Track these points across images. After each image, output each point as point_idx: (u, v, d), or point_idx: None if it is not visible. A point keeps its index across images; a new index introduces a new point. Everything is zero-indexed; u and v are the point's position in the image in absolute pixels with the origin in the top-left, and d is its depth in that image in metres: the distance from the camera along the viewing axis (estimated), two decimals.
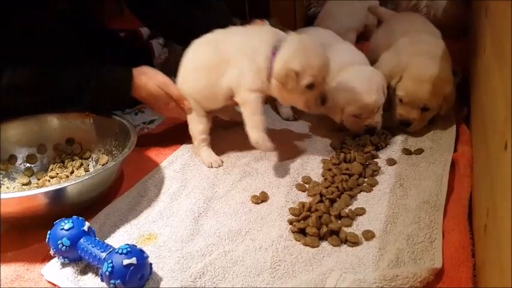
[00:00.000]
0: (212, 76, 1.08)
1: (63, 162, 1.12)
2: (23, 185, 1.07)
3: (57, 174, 1.08)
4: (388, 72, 1.20)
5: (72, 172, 1.10)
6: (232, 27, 1.14)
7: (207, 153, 1.14)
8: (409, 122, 1.17)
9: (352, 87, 1.15)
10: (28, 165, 1.11)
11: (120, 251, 0.74)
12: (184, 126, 1.19)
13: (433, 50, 1.20)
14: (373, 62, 1.29)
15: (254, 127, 1.04)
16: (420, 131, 1.18)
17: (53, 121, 1.14)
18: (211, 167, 1.12)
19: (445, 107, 1.16)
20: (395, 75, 1.18)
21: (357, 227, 0.88)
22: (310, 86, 1.01)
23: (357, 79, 1.16)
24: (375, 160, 1.09)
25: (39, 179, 1.08)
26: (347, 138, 1.18)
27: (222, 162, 1.13)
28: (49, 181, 1.07)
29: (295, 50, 1.00)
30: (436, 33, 1.35)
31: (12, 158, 1.10)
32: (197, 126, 1.14)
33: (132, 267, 0.73)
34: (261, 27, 1.12)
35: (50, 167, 1.11)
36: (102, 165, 1.08)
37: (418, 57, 1.17)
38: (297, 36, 1.05)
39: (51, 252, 0.82)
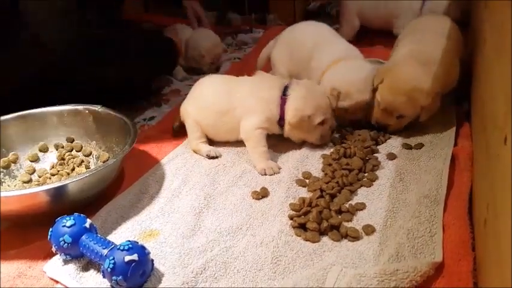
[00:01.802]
0: (220, 119, 1.15)
1: (64, 159, 1.12)
2: (24, 182, 1.07)
3: (58, 171, 1.09)
4: (377, 71, 1.19)
5: (73, 169, 1.10)
6: (240, 77, 1.21)
7: (204, 146, 1.16)
8: (384, 126, 1.17)
9: (350, 81, 1.17)
10: (29, 163, 1.11)
11: (121, 248, 0.74)
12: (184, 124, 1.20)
13: (429, 53, 1.15)
14: None
15: (258, 158, 1.09)
16: (420, 125, 1.17)
17: (54, 119, 1.14)
18: (209, 155, 1.13)
19: (424, 116, 1.14)
20: (379, 76, 1.16)
21: (357, 222, 0.88)
22: (322, 123, 1.11)
23: (354, 75, 1.18)
24: (375, 155, 1.10)
25: (40, 177, 1.08)
26: (347, 133, 1.18)
27: (220, 154, 1.15)
28: (50, 178, 1.07)
29: (302, 97, 1.10)
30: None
31: (14, 156, 1.10)
32: (195, 133, 1.17)
33: (133, 264, 0.73)
34: (265, 76, 1.19)
35: (51, 165, 1.11)
36: (103, 162, 1.08)
37: (403, 64, 1.14)
38: (301, 83, 1.14)
39: (53, 249, 0.82)
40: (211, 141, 1.18)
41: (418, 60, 1.14)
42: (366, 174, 1.03)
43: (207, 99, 1.16)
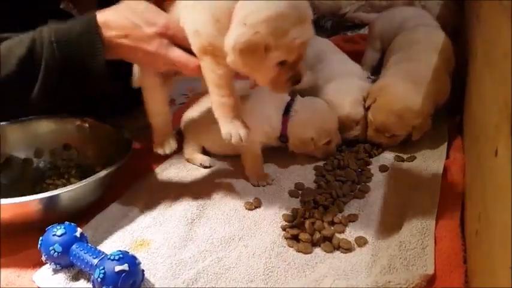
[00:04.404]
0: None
1: (59, 168, 1.12)
2: None
3: (54, 180, 1.08)
4: (369, 91, 1.20)
5: (67, 179, 1.09)
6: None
7: (199, 155, 1.16)
8: (377, 144, 1.17)
9: (340, 98, 1.18)
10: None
11: (112, 257, 0.73)
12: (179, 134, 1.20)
13: (421, 72, 1.16)
14: None
15: (252, 169, 1.08)
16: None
17: (50, 126, 1.13)
18: (204, 165, 1.13)
19: (416, 135, 1.14)
20: (372, 96, 1.17)
21: (350, 234, 0.88)
22: (327, 143, 1.10)
23: (330, 93, 1.19)
24: (368, 167, 1.10)
25: (34, 184, 1.08)
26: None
27: (214, 164, 1.14)
28: (45, 188, 1.07)
29: (305, 121, 1.08)
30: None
31: (8, 162, 1.09)
32: (192, 145, 1.16)
33: (124, 274, 0.72)
34: (267, 91, 1.16)
35: (47, 174, 1.11)
36: (97, 172, 1.07)
37: (395, 83, 1.15)
38: (306, 102, 1.11)
39: (43, 258, 0.81)
40: (205, 151, 1.18)
41: (409, 79, 1.14)
42: (358, 186, 1.03)
43: (210, 113, 1.16)
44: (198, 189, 1.04)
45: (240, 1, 0.74)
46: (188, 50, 0.85)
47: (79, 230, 0.82)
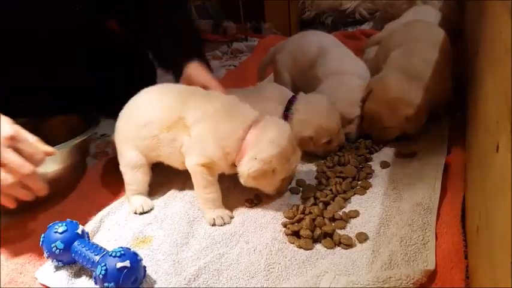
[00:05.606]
0: None
1: None
2: None
3: None
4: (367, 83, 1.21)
5: None
6: (243, 89, 1.15)
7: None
8: (370, 135, 1.18)
9: (337, 97, 1.18)
10: None
11: (113, 254, 0.74)
12: None
13: (418, 65, 1.17)
14: None
15: None
16: (414, 134, 1.18)
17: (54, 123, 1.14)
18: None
19: (410, 128, 1.14)
20: (368, 87, 1.18)
21: (351, 230, 0.88)
22: (327, 142, 1.11)
23: (327, 90, 1.20)
24: (369, 163, 1.10)
25: None
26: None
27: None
28: None
29: (307, 118, 1.09)
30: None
31: None
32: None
33: (125, 270, 0.72)
34: (268, 88, 1.17)
35: None
36: None
37: (390, 75, 1.16)
38: (307, 101, 1.12)
39: (45, 255, 0.81)
40: None
41: (407, 74, 1.15)
42: (359, 182, 1.03)
43: None
44: None
45: (248, 141, 0.93)
46: None
47: (80, 227, 0.83)
